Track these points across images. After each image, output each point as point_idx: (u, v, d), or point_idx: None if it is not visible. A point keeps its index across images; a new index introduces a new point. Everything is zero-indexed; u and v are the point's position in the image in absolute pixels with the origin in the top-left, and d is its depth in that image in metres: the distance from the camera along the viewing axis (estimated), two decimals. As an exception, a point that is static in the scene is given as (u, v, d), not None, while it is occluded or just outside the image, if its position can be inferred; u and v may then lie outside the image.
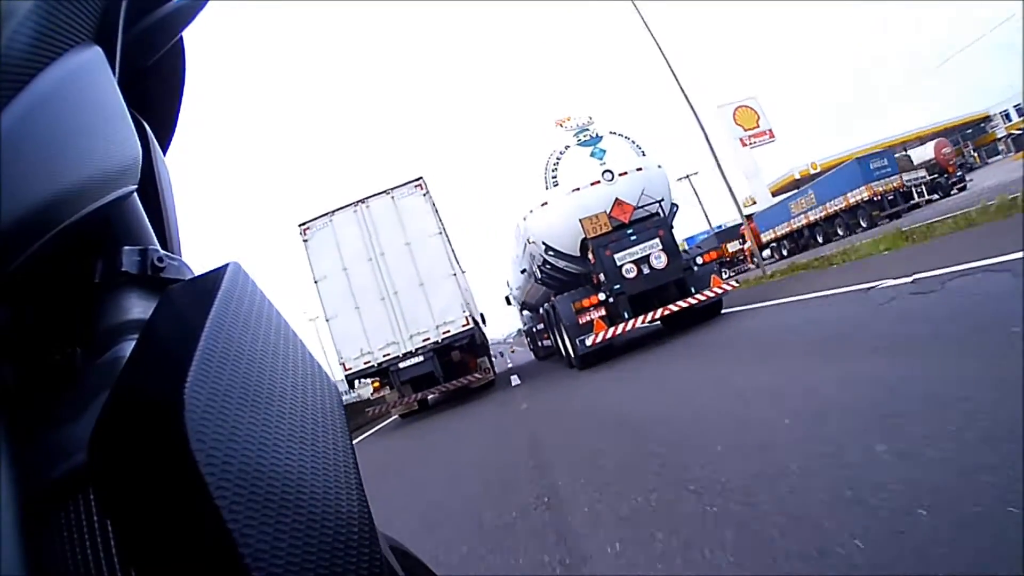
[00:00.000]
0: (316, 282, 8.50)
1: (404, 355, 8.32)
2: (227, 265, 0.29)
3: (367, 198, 8.77)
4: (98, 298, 0.33)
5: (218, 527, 0.19)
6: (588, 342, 6.86)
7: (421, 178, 8.92)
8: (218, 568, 0.19)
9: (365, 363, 8.34)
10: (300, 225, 8.74)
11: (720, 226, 28.07)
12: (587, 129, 8.05)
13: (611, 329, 6.89)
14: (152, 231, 0.37)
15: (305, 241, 8.62)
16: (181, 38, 0.46)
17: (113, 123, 0.32)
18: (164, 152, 0.47)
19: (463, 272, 10.37)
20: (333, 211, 8.72)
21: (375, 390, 9.50)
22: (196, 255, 0.41)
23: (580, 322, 7.01)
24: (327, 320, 8.43)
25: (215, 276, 0.28)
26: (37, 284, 0.31)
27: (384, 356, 8.34)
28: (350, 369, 8.40)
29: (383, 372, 8.49)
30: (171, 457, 0.20)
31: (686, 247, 8.73)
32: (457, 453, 4.85)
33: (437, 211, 9.23)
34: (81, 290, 0.33)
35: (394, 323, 8.40)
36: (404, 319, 8.40)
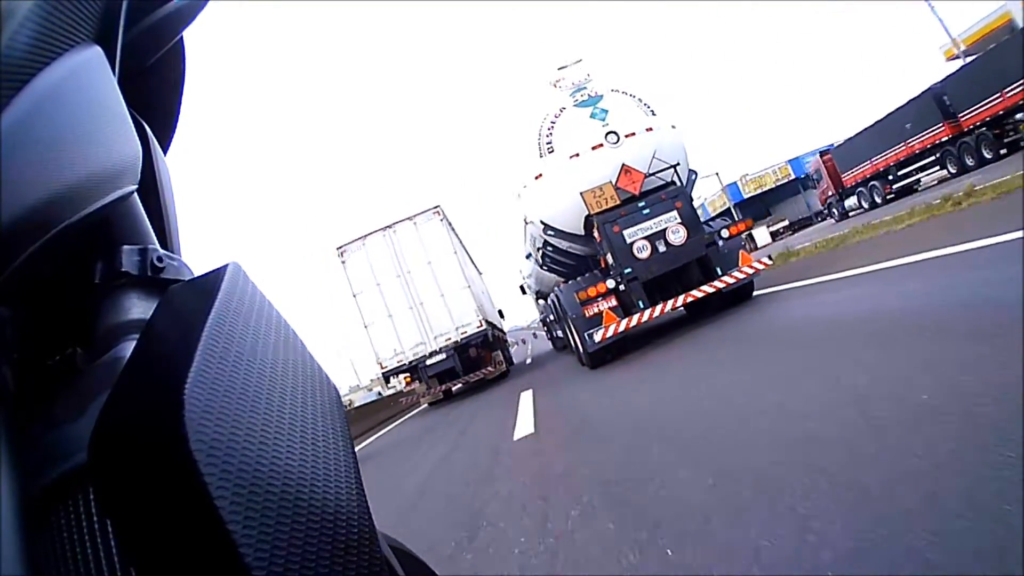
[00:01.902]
0: (355, 296, 10.22)
1: (430, 353, 10.03)
2: (227, 265, 0.29)
3: (394, 224, 10.52)
4: (98, 298, 0.33)
5: (218, 527, 0.19)
6: (597, 337, 5.86)
7: (439, 206, 10.68)
8: (218, 568, 0.19)
9: (398, 361, 10.05)
10: (337, 248, 10.37)
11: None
12: (584, 87, 6.92)
13: (624, 321, 5.86)
14: (152, 231, 0.37)
15: (343, 262, 10.32)
16: (181, 38, 0.46)
17: (113, 123, 0.32)
18: (164, 152, 0.47)
19: (480, 274, 11.46)
20: (365, 235, 10.47)
21: (407, 383, 11.35)
22: (196, 255, 0.41)
23: (587, 315, 6.04)
24: (365, 327, 10.18)
25: (215, 276, 0.28)
26: (37, 284, 0.31)
27: (414, 355, 10.05)
28: (385, 367, 10.15)
29: (413, 368, 10.22)
30: (171, 457, 0.20)
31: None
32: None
33: (454, 231, 10.93)
34: (81, 290, 0.33)
35: (421, 327, 10.15)
36: (429, 324, 10.15)
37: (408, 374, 10.64)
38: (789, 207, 31.97)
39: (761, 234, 26.43)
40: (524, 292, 15.94)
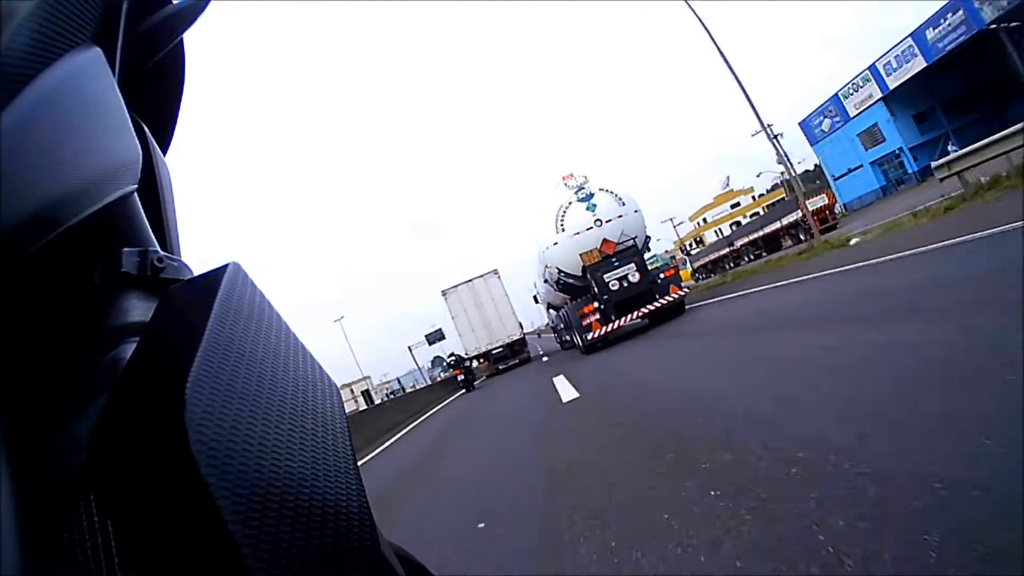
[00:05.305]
0: (453, 317, 20.05)
1: (494, 348, 19.92)
2: (227, 265, 0.29)
3: (473, 279, 20.19)
4: (98, 299, 0.32)
5: (219, 528, 0.19)
6: (589, 337, 10.80)
7: (496, 269, 20.66)
8: (219, 569, 0.19)
9: (477, 351, 19.84)
10: (442, 291, 20.07)
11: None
12: (583, 187, 12.28)
13: (604, 328, 10.75)
14: (152, 232, 0.37)
15: (445, 299, 19.97)
16: (181, 40, 0.46)
17: (113, 124, 0.32)
18: (164, 153, 0.47)
19: (508, 297, 21.31)
20: (457, 285, 20.08)
21: (480, 362, 20.59)
22: (196, 255, 0.41)
23: (583, 323, 10.81)
24: (459, 335, 20.22)
25: (215, 276, 0.28)
26: (37, 285, 0.31)
27: (486, 348, 19.92)
28: (471, 354, 19.70)
29: (485, 355, 20.05)
30: (172, 458, 0.20)
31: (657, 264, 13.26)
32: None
33: (502, 284, 20.59)
34: (81, 290, 0.33)
35: (489, 334, 19.84)
36: (493, 332, 19.98)
37: (482, 358, 20.38)
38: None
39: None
40: (536, 302, 23.32)
